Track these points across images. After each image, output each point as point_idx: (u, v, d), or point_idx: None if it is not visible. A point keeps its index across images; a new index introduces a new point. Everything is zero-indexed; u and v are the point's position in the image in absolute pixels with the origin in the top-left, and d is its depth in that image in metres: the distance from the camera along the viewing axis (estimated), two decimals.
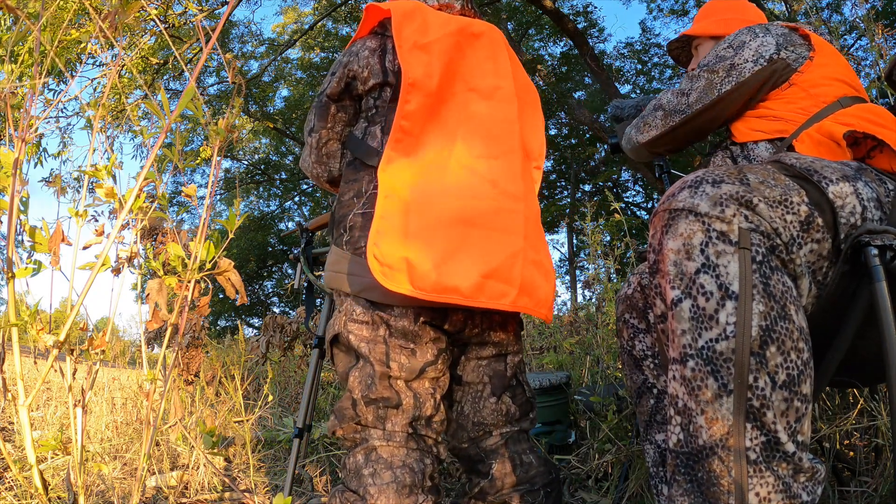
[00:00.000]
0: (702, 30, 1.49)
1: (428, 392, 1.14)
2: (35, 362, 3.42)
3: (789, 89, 1.23)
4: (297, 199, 15.64)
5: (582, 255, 13.78)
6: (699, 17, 1.54)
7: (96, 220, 1.09)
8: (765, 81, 1.24)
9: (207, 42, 0.87)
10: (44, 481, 0.87)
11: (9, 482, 1.72)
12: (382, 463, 1.07)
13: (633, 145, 1.45)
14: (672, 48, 1.62)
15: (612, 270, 3.04)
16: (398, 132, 1.13)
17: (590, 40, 9.05)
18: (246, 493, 1.84)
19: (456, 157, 1.15)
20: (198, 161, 1.17)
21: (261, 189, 15.35)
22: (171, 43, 1.37)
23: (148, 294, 1.14)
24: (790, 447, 0.72)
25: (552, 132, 12.48)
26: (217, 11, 5.83)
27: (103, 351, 0.91)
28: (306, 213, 15.64)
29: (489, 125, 1.21)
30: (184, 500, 1.84)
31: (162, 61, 6.02)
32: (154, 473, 1.99)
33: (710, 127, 1.33)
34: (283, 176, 14.44)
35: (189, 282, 0.97)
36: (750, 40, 1.27)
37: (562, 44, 11.67)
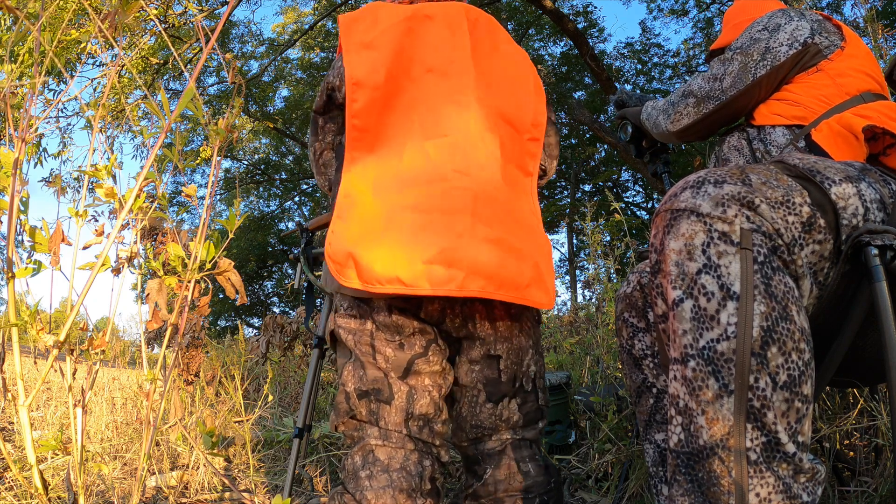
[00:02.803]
0: (725, 41, 1.46)
1: (425, 389, 1.12)
2: (35, 362, 3.42)
3: (815, 74, 1.21)
4: (297, 199, 15.63)
5: (582, 255, 13.78)
6: (723, 24, 1.53)
7: (96, 220, 1.09)
8: (794, 65, 1.22)
9: (207, 42, 0.87)
10: (44, 481, 0.87)
11: (9, 482, 1.72)
12: (379, 465, 1.06)
13: (660, 131, 1.41)
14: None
15: (612, 270, 3.04)
16: (353, 131, 1.16)
17: (590, 40, 9.05)
18: (246, 493, 1.84)
19: (412, 143, 1.15)
20: (198, 161, 1.17)
21: (261, 189, 15.34)
22: (170, 43, 1.36)
23: (148, 294, 1.14)
24: (791, 448, 0.72)
25: None
26: (217, 11, 5.83)
27: (103, 351, 0.91)
28: (306, 213, 15.63)
29: (444, 103, 1.19)
30: (184, 500, 1.84)
31: (162, 61, 6.01)
32: (154, 473, 1.99)
33: (743, 112, 1.30)
34: (283, 176, 14.43)
35: (189, 282, 0.97)
36: (785, 23, 1.24)
37: (562, 44, 11.66)
